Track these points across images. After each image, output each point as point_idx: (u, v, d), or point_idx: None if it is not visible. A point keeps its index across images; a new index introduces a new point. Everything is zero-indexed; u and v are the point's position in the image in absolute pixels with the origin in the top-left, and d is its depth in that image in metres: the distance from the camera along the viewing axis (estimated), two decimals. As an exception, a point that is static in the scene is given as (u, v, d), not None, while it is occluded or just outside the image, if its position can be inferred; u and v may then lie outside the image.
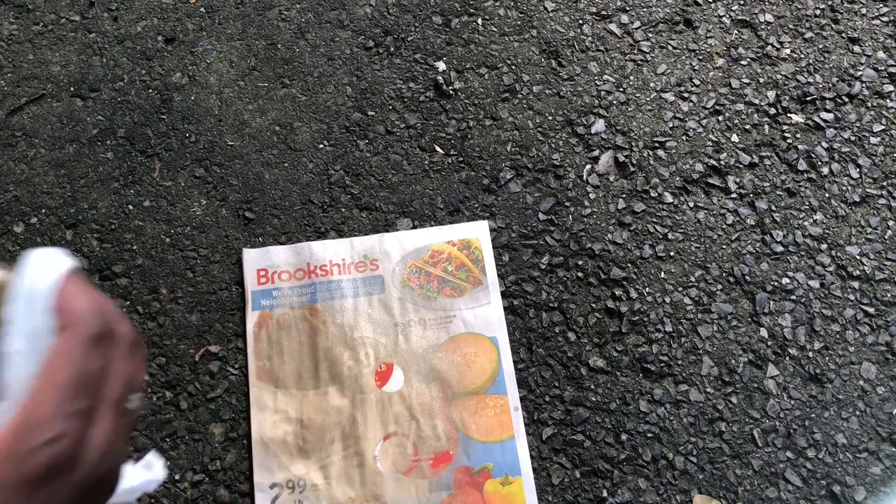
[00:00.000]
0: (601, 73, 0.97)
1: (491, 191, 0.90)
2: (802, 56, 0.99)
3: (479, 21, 1.00)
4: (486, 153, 0.92)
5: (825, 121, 0.95)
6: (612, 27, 1.00)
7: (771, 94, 0.96)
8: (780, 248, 0.88)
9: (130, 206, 0.88)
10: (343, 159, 0.92)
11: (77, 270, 0.32)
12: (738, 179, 0.91)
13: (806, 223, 0.89)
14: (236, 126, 0.93)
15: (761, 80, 0.97)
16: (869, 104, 0.96)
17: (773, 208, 0.90)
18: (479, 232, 0.87)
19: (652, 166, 0.92)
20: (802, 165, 0.92)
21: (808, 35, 1.00)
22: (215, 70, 0.96)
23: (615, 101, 0.95)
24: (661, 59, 0.98)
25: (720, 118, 0.95)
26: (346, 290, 0.83)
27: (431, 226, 0.88)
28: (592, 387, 0.81)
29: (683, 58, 0.99)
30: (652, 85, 0.97)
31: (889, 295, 0.85)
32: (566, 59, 0.98)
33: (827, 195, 0.91)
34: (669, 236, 0.88)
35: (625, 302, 0.85)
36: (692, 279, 0.86)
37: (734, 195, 0.90)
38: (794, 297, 0.85)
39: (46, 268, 0.31)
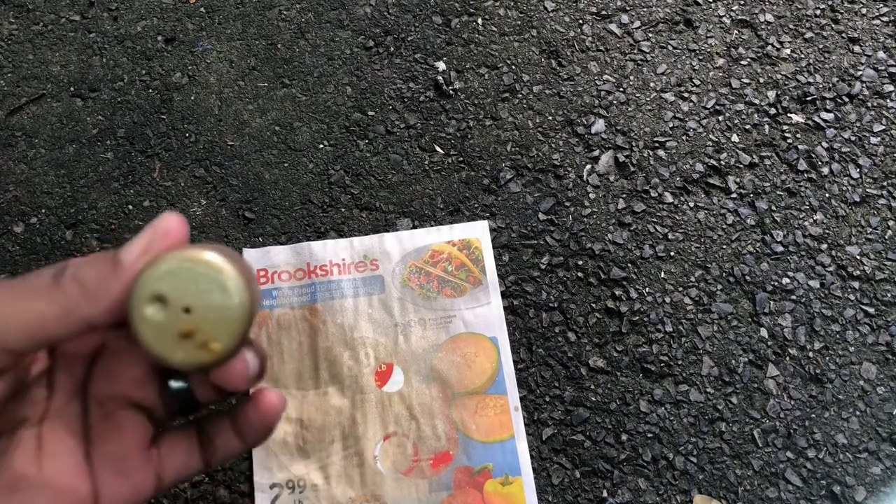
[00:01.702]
0: (601, 73, 0.97)
1: (491, 191, 0.90)
2: (802, 56, 0.99)
3: (479, 21, 1.00)
4: (486, 153, 0.92)
5: (825, 121, 0.95)
6: (612, 27, 1.00)
7: (771, 94, 0.96)
8: (780, 248, 0.88)
9: (130, 206, 0.89)
10: (343, 159, 0.92)
11: None
12: (738, 179, 0.91)
13: (806, 223, 0.89)
14: (236, 126, 0.93)
15: (761, 80, 0.97)
16: (869, 104, 0.96)
17: (774, 208, 0.90)
18: (479, 232, 0.87)
19: (652, 166, 0.92)
20: (802, 165, 0.92)
21: (809, 35, 1.00)
22: (215, 70, 0.96)
23: (615, 101, 0.95)
24: (661, 59, 0.98)
25: (720, 118, 0.95)
26: (346, 290, 0.83)
27: (431, 226, 0.88)
28: (592, 387, 0.81)
29: (683, 58, 0.99)
30: (652, 85, 0.97)
31: (889, 295, 0.85)
32: (566, 59, 0.98)
33: (827, 195, 0.91)
34: (669, 236, 0.88)
35: (625, 302, 0.85)
36: (692, 279, 0.86)
37: (734, 195, 0.90)
38: (794, 297, 0.85)
39: None
